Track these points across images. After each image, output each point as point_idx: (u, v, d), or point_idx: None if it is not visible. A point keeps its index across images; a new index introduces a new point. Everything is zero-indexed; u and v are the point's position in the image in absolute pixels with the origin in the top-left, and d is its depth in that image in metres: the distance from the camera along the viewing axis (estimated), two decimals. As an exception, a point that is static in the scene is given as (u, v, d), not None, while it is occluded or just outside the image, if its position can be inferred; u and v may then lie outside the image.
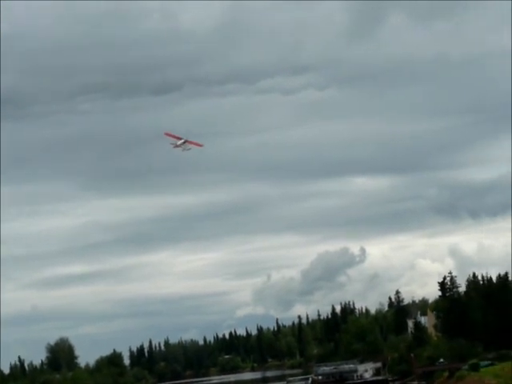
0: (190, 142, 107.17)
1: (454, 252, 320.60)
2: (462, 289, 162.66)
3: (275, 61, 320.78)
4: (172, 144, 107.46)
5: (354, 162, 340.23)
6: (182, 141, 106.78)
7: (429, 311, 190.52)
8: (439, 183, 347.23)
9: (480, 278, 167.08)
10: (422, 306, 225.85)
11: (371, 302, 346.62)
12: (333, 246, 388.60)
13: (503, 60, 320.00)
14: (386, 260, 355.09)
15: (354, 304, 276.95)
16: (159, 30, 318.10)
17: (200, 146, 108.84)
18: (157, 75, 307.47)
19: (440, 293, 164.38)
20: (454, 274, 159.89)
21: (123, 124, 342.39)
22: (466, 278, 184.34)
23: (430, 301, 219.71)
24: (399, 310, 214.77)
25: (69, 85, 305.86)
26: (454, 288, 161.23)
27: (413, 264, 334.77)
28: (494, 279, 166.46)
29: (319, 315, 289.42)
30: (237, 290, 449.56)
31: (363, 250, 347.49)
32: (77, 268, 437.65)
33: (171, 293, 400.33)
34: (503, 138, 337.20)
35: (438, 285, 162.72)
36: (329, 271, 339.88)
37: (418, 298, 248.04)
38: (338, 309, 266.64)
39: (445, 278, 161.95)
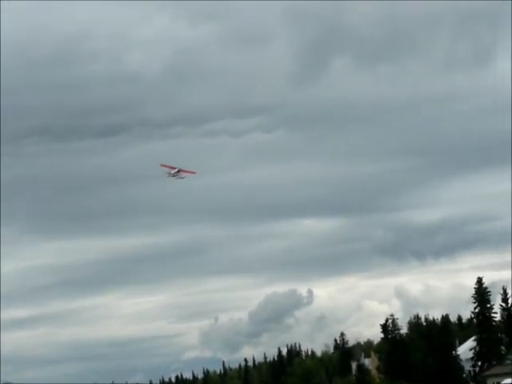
0: (184, 171, 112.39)
1: (400, 293, 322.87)
2: (404, 330, 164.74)
3: (223, 103, 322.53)
4: (167, 173, 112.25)
5: (300, 203, 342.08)
6: (176, 170, 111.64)
7: (372, 353, 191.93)
8: (385, 225, 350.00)
9: (423, 319, 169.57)
10: (367, 347, 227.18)
11: (319, 343, 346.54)
12: (280, 288, 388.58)
13: (445, 104, 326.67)
14: (333, 301, 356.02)
15: (300, 346, 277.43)
16: (105, 72, 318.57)
17: (193, 173, 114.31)
18: (103, 118, 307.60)
19: (382, 335, 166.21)
20: (399, 315, 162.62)
21: (69, 166, 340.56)
22: (414, 319, 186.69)
23: (375, 342, 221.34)
24: (344, 352, 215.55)
25: (14, 127, 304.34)
26: (395, 330, 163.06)
27: (360, 305, 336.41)
28: (438, 320, 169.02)
29: (266, 357, 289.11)
30: (184, 333, 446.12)
31: (311, 292, 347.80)
32: (21, 312, 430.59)
33: (117, 336, 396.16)
34: (448, 180, 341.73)
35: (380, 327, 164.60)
36: (276, 313, 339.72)
37: (363, 339, 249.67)
38: (284, 351, 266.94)
39: (387, 320, 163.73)
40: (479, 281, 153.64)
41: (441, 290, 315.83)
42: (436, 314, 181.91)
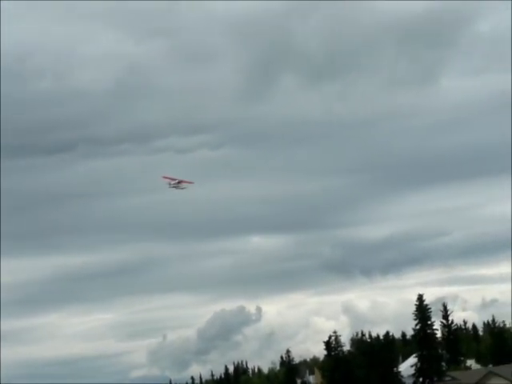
0: (184, 182, 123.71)
1: (347, 309, 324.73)
2: (347, 347, 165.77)
3: (169, 121, 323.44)
4: (168, 185, 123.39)
5: (248, 220, 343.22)
6: (177, 181, 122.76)
7: (316, 370, 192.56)
8: (332, 241, 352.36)
9: (367, 335, 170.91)
10: (313, 364, 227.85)
11: (267, 360, 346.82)
12: (229, 305, 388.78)
13: (391, 122, 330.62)
14: (281, 318, 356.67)
15: (246, 363, 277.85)
16: (52, 89, 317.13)
17: (191, 183, 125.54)
18: (50, 135, 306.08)
19: (326, 352, 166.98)
20: (347, 331, 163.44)
21: (16, 184, 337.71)
22: (357, 336, 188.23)
23: (321, 359, 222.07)
24: (289, 369, 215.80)
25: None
26: (338, 347, 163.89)
27: (308, 322, 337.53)
28: (383, 336, 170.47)
29: (213, 375, 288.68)
30: (131, 351, 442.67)
31: (259, 309, 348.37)
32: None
33: (63, 355, 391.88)
34: (394, 196, 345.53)
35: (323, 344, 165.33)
36: (225, 330, 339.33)
37: (309, 356, 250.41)
38: (231, 368, 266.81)
39: (330, 338, 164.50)
40: (420, 298, 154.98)
41: (388, 306, 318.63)
42: (383, 330, 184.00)
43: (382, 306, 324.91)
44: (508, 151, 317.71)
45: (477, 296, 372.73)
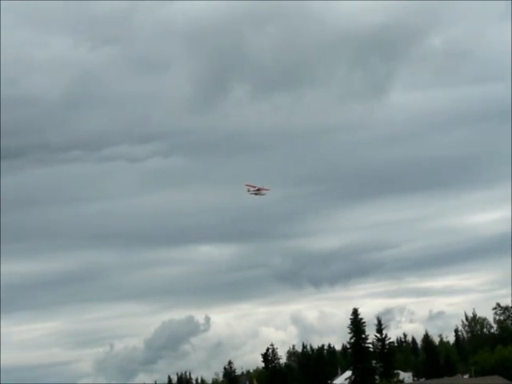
0: (262, 189, 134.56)
1: (296, 320, 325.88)
2: (284, 360, 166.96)
3: (121, 129, 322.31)
4: (249, 192, 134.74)
5: (198, 230, 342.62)
6: (256, 188, 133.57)
7: (255, 381, 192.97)
8: (282, 252, 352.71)
9: (309, 348, 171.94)
10: (255, 375, 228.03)
11: (214, 370, 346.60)
12: (177, 315, 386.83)
13: (342, 134, 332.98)
14: (230, 328, 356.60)
15: (190, 374, 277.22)
16: (3, 95, 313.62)
17: (268, 190, 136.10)
18: (0, 141, 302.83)
19: (263, 364, 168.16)
20: (295, 342, 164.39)
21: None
22: (308, 346, 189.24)
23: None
24: (230, 380, 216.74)
25: None
26: (275, 359, 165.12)
27: (256, 332, 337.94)
28: (326, 348, 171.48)
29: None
30: (78, 360, 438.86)
31: (208, 319, 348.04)
32: None
33: (8, 364, 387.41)
34: (345, 208, 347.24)
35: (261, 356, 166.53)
36: (173, 340, 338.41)
37: (253, 367, 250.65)
38: (174, 379, 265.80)
39: (267, 350, 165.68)
40: (355, 311, 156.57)
41: (336, 316, 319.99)
42: (332, 341, 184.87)
43: (330, 317, 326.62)
44: (456, 165, 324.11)
45: (424, 308, 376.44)
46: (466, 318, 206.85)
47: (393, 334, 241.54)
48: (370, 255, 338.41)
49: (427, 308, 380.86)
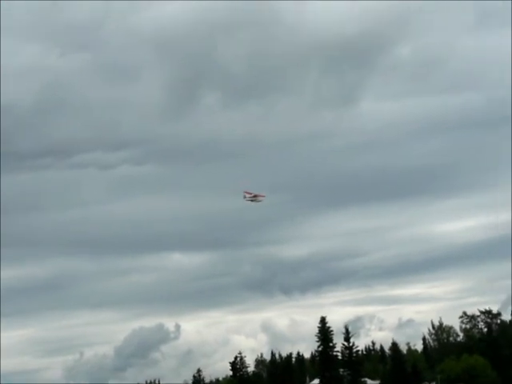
0: (259, 196, 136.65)
1: (266, 328, 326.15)
2: (252, 368, 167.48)
3: (92, 136, 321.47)
4: (245, 198, 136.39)
5: (169, 238, 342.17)
6: (253, 195, 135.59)
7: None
8: (253, 260, 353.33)
9: (278, 356, 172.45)
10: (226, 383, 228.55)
11: (183, 378, 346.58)
12: (148, 322, 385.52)
13: (313, 142, 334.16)
14: (200, 336, 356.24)
15: (159, 381, 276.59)
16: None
17: (263, 196, 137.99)
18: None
19: (231, 372, 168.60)
20: (265, 350, 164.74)
21: None
22: (277, 354, 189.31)
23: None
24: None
25: None
26: (243, 368, 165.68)
27: (227, 340, 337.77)
28: (295, 356, 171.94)
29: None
30: (47, 368, 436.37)
31: (178, 326, 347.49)
32: None
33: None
34: (315, 216, 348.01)
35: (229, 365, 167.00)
36: (143, 347, 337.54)
37: (223, 375, 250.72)
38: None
39: (236, 358, 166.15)
40: (323, 320, 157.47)
41: (306, 324, 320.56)
42: (301, 349, 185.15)
43: (301, 325, 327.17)
44: (428, 173, 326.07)
45: (393, 316, 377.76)
46: (433, 327, 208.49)
47: (362, 342, 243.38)
48: (341, 263, 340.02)
49: (397, 316, 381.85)
